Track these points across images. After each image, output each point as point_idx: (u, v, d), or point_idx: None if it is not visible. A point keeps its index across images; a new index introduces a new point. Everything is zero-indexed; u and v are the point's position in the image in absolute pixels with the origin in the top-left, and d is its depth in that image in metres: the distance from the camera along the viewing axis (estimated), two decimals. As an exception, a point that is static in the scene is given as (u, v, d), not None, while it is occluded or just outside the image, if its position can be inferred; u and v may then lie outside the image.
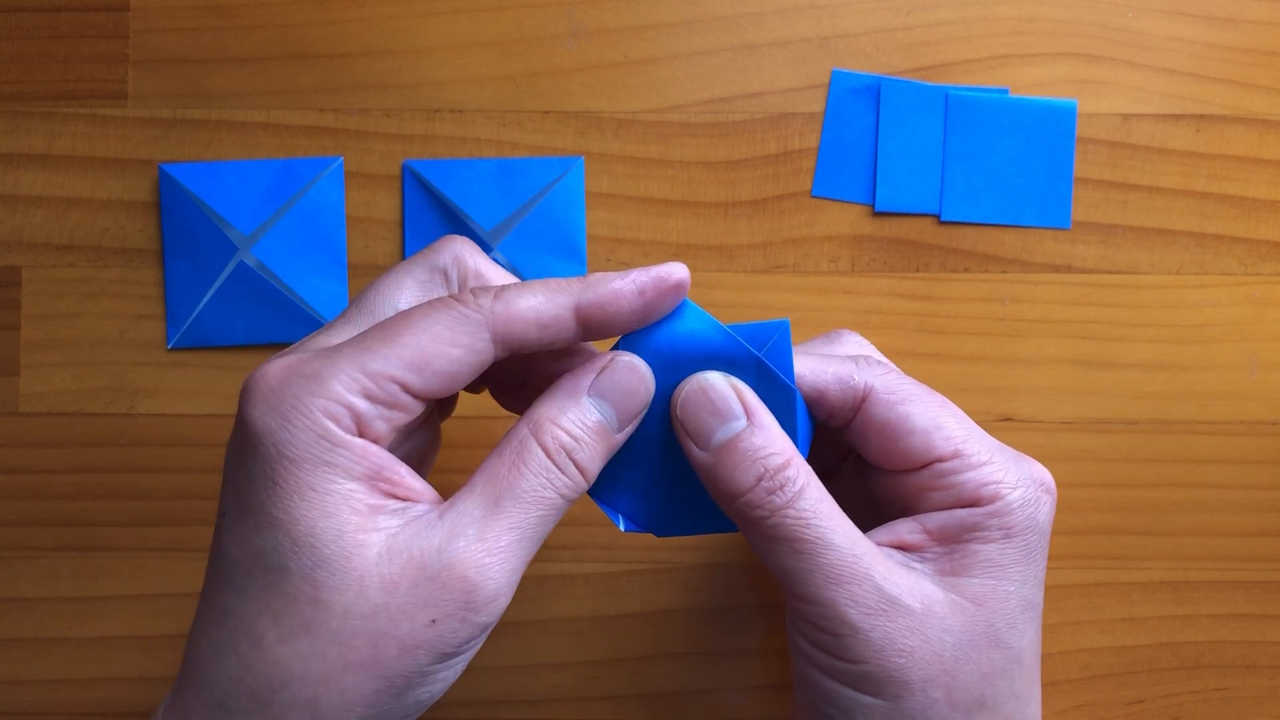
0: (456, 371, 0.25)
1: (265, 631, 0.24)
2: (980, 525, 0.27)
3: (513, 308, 0.25)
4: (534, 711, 0.38)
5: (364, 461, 0.24)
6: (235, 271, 0.37)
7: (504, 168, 0.38)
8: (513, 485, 0.25)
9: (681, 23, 0.38)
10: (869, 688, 0.26)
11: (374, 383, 0.24)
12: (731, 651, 0.38)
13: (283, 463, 0.24)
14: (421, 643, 0.24)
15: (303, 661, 0.24)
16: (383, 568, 0.24)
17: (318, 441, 0.24)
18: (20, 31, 0.38)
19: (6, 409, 0.38)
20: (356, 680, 0.24)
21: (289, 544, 0.24)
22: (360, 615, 0.24)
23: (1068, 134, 0.38)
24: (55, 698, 0.38)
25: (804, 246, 0.38)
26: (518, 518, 0.25)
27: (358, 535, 0.24)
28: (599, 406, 0.26)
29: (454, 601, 0.24)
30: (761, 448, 0.26)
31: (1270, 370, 0.38)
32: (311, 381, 0.24)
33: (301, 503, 0.24)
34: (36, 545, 0.38)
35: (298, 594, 0.24)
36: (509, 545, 0.24)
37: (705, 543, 0.38)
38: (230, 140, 0.38)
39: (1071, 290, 0.38)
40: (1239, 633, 0.38)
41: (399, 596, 0.24)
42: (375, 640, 0.24)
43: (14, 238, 0.38)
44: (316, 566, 0.24)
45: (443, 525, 0.24)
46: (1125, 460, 0.38)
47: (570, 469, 0.25)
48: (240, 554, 0.24)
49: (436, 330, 0.25)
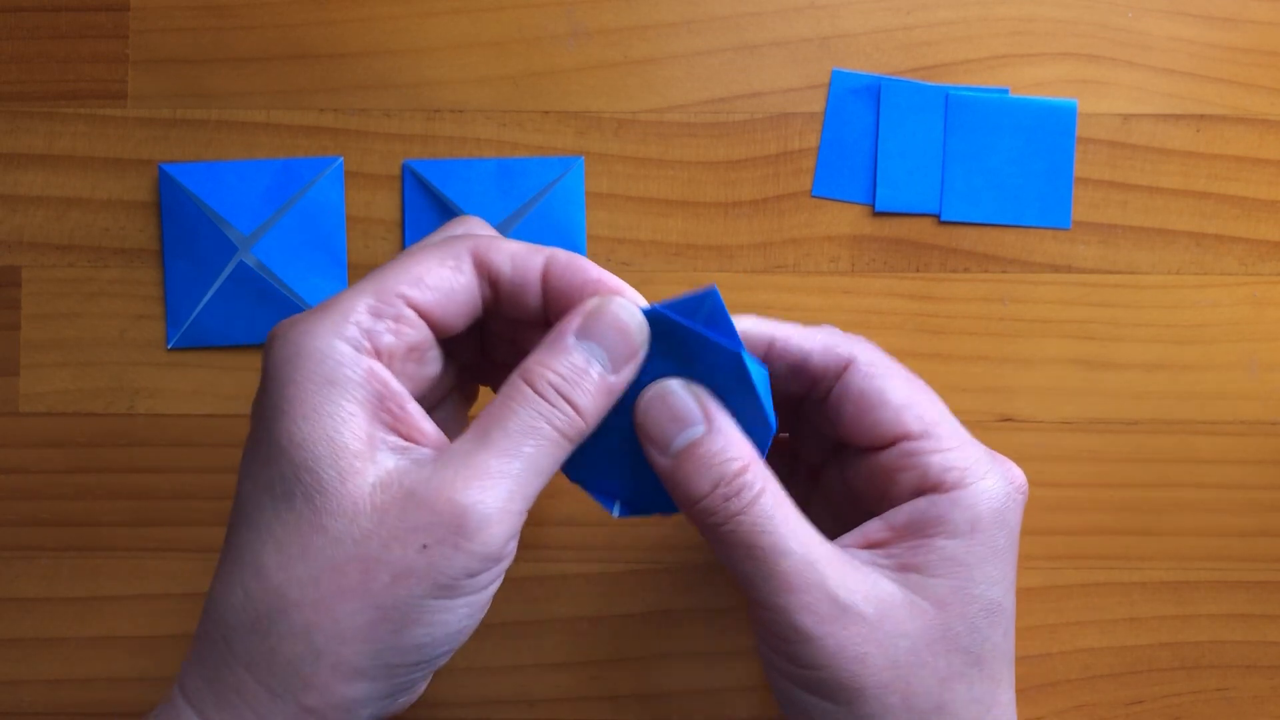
0: (449, 289, 0.26)
1: (268, 559, 0.24)
2: (944, 517, 0.27)
3: (494, 242, 0.27)
4: (534, 711, 0.38)
5: (370, 383, 0.25)
6: (235, 271, 0.37)
7: (504, 168, 0.38)
8: (501, 420, 0.25)
9: (681, 23, 0.38)
10: (824, 693, 0.26)
11: (378, 299, 0.25)
12: (731, 651, 0.38)
13: (290, 386, 0.24)
14: (413, 568, 0.23)
15: (299, 588, 0.23)
16: (375, 496, 0.24)
17: (324, 359, 0.24)
18: (20, 31, 0.38)
19: (6, 409, 0.38)
20: (349, 609, 0.23)
21: (292, 470, 0.24)
22: (352, 541, 0.23)
23: (1068, 134, 0.38)
24: (55, 698, 0.38)
25: (804, 246, 0.38)
26: (506, 446, 0.25)
27: (354, 462, 0.24)
28: (587, 348, 0.26)
29: (444, 526, 0.24)
30: (719, 453, 0.26)
31: (1270, 370, 0.38)
32: (322, 312, 0.25)
33: (305, 425, 0.24)
34: (36, 545, 0.38)
35: (300, 519, 0.24)
36: (499, 472, 0.24)
37: (705, 543, 0.38)
38: (230, 140, 0.38)
39: (1071, 290, 0.38)
40: (1239, 633, 0.38)
41: (389, 522, 0.24)
42: (367, 566, 0.23)
43: (14, 238, 0.38)
44: (316, 490, 0.24)
45: (435, 461, 0.24)
46: (1125, 460, 0.38)
47: (561, 403, 0.25)
48: (251, 488, 0.25)
49: (426, 256, 0.26)
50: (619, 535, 0.38)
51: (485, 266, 0.27)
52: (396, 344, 0.26)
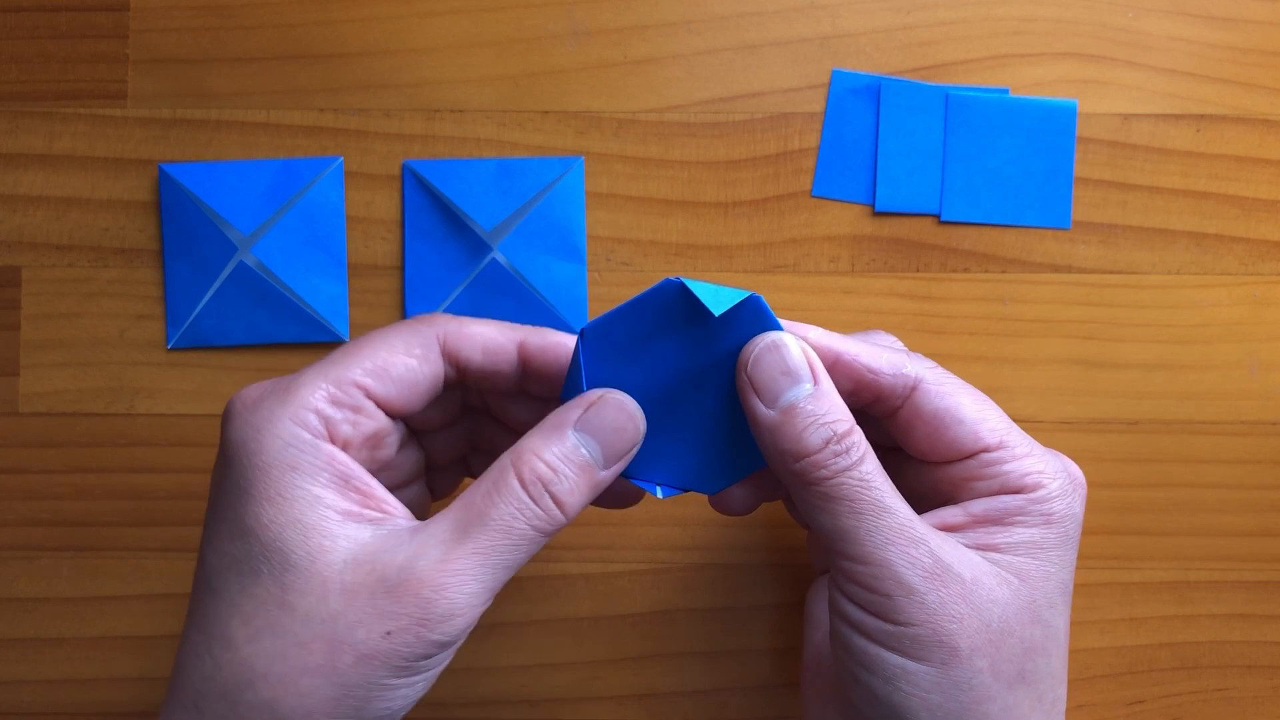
0: (413, 380, 0.27)
1: (236, 632, 0.25)
2: (1022, 510, 0.28)
3: (464, 328, 0.28)
4: (534, 711, 0.38)
5: (331, 466, 0.26)
6: (235, 271, 0.37)
7: (504, 168, 0.38)
8: (483, 513, 0.25)
9: (681, 23, 0.38)
10: (917, 652, 0.26)
11: (338, 388, 0.26)
12: (731, 651, 0.38)
13: (253, 470, 0.25)
14: (376, 653, 0.24)
15: (266, 661, 0.24)
16: (345, 575, 0.24)
17: (285, 447, 0.25)
18: (20, 31, 0.38)
19: (6, 409, 0.38)
20: (314, 684, 0.24)
21: (259, 548, 0.25)
22: (320, 620, 0.24)
23: (1068, 134, 0.38)
24: (55, 698, 0.38)
25: (804, 246, 0.38)
26: (483, 544, 0.25)
27: (323, 541, 0.25)
28: (583, 442, 0.27)
29: (409, 616, 0.24)
30: (828, 412, 0.26)
31: (1270, 370, 0.38)
32: (282, 394, 0.26)
33: (270, 508, 0.25)
34: (36, 545, 0.38)
35: (267, 596, 0.24)
36: (470, 569, 0.25)
37: (705, 543, 0.38)
38: (230, 140, 0.38)
39: (1071, 290, 0.38)
40: (1239, 633, 0.38)
41: (357, 605, 0.24)
42: (332, 645, 0.24)
43: (14, 238, 0.38)
44: (285, 570, 0.24)
45: (410, 543, 0.25)
46: (1125, 460, 0.38)
47: (546, 501, 0.26)
48: (217, 562, 0.25)
49: (393, 342, 0.27)
50: (619, 535, 0.38)
51: (455, 356, 0.28)
52: (353, 434, 0.27)
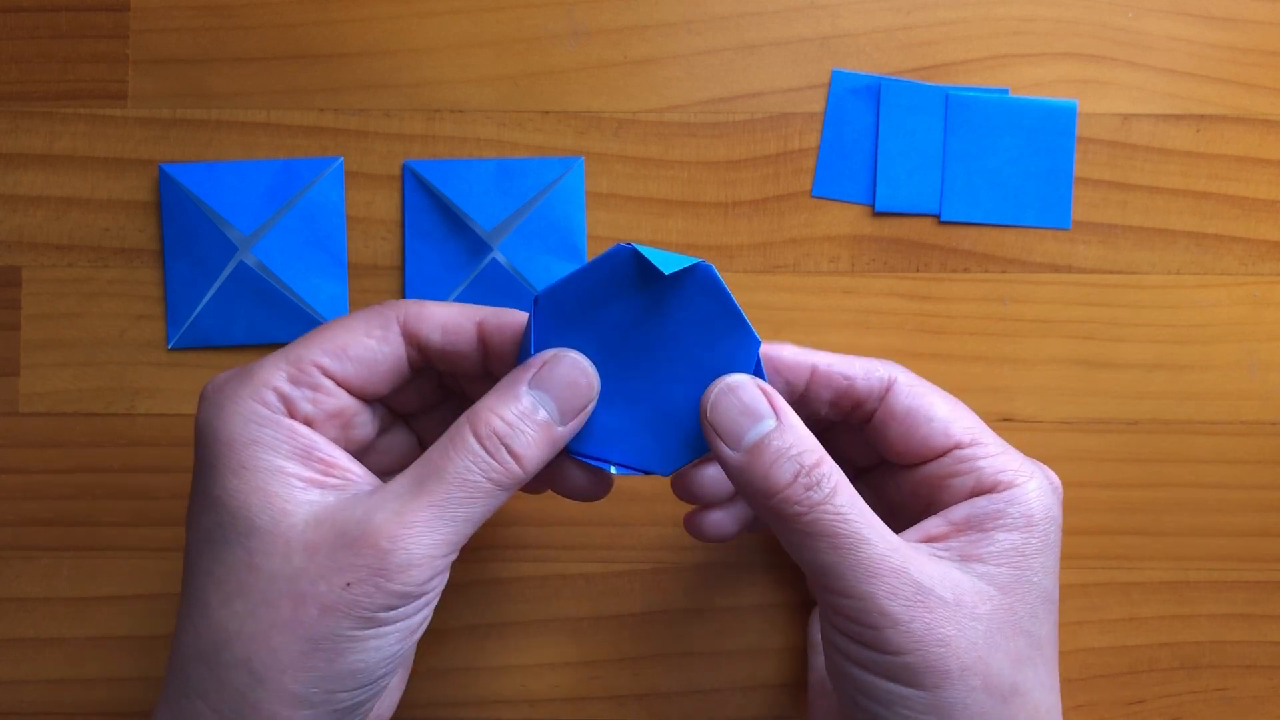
0: (372, 360, 0.28)
1: (210, 597, 0.26)
2: (1002, 513, 0.28)
3: (424, 310, 0.29)
4: (534, 711, 0.38)
5: (292, 439, 0.27)
6: (235, 271, 0.37)
7: (504, 168, 0.38)
8: (440, 467, 0.26)
9: (681, 23, 0.38)
10: (909, 679, 0.26)
11: (296, 367, 0.27)
12: (731, 651, 0.38)
13: (218, 445, 0.26)
14: (338, 604, 0.25)
15: (238, 621, 0.25)
16: (307, 534, 0.26)
17: (246, 423, 0.26)
18: (20, 31, 0.38)
19: (6, 409, 0.38)
20: (284, 640, 0.25)
21: (227, 517, 0.26)
22: (284, 577, 0.25)
23: (1068, 134, 0.38)
24: (55, 698, 0.38)
25: (804, 246, 0.38)
26: (438, 496, 0.26)
27: (286, 505, 0.26)
28: (538, 398, 0.27)
29: (367, 567, 0.25)
30: (793, 445, 0.27)
31: (1270, 370, 0.38)
32: (244, 376, 0.27)
33: (234, 479, 0.26)
34: (36, 545, 0.38)
35: (235, 561, 0.26)
36: (426, 520, 0.26)
37: (704, 543, 0.38)
38: (230, 140, 0.38)
39: (1071, 290, 0.38)
40: (1239, 633, 0.38)
41: (318, 560, 0.25)
42: (296, 601, 0.25)
43: (14, 238, 0.38)
44: (249, 534, 0.26)
45: (369, 499, 0.26)
46: (1125, 460, 0.38)
47: (502, 454, 0.26)
48: (195, 536, 0.27)
49: (353, 324, 0.28)
50: (619, 535, 0.38)
51: (414, 336, 0.29)
52: (315, 411, 0.28)
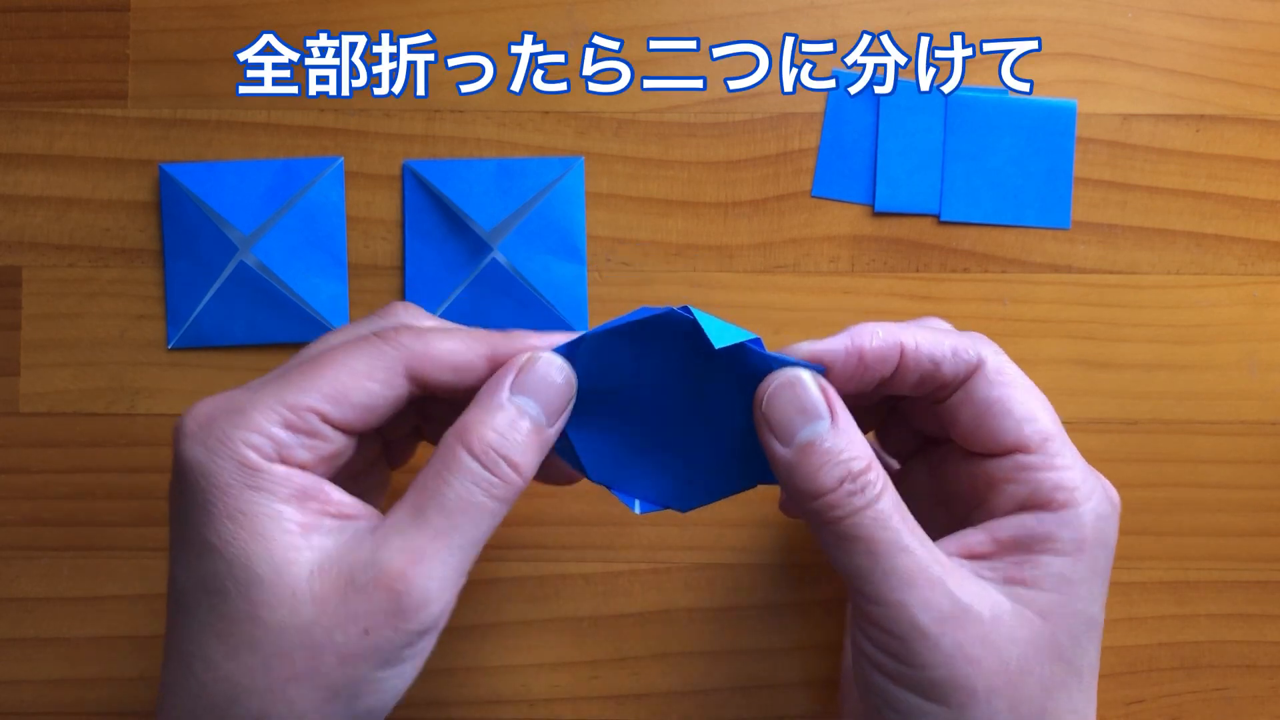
0: (373, 405, 0.26)
1: (213, 651, 0.25)
2: (1052, 536, 0.26)
3: (430, 348, 0.27)
4: (534, 711, 0.38)
5: (288, 485, 0.25)
6: (235, 271, 0.37)
7: (504, 168, 0.38)
8: (437, 493, 0.25)
9: (681, 22, 0.38)
10: (934, 694, 0.25)
11: (293, 413, 0.26)
12: (732, 651, 0.38)
13: (213, 491, 0.25)
14: (358, 653, 0.24)
15: (249, 676, 0.24)
16: (314, 584, 0.24)
17: (240, 469, 0.25)
18: (20, 31, 0.38)
19: (6, 409, 0.38)
20: (300, 691, 0.24)
21: (225, 566, 0.25)
22: (296, 629, 0.24)
23: (1068, 134, 0.38)
24: (55, 698, 0.38)
25: (804, 246, 0.38)
26: (443, 525, 0.25)
27: (288, 554, 0.25)
28: (524, 403, 0.26)
29: (383, 612, 0.24)
30: (844, 449, 0.26)
31: (1270, 370, 0.38)
32: (235, 415, 0.25)
33: (232, 526, 0.25)
34: (36, 545, 0.38)
35: (238, 613, 0.24)
36: (436, 553, 0.25)
37: (705, 543, 0.38)
38: (230, 140, 0.38)
39: (1071, 290, 0.38)
40: (1239, 633, 0.38)
41: (330, 610, 0.24)
42: (313, 653, 0.24)
43: (14, 238, 0.38)
44: (251, 585, 0.24)
45: (372, 539, 0.25)
46: (1125, 460, 0.38)
47: (501, 468, 0.26)
48: (187, 582, 0.25)
49: (354, 365, 0.26)
50: (619, 535, 0.38)
51: (420, 379, 0.27)
52: (309, 458, 0.26)
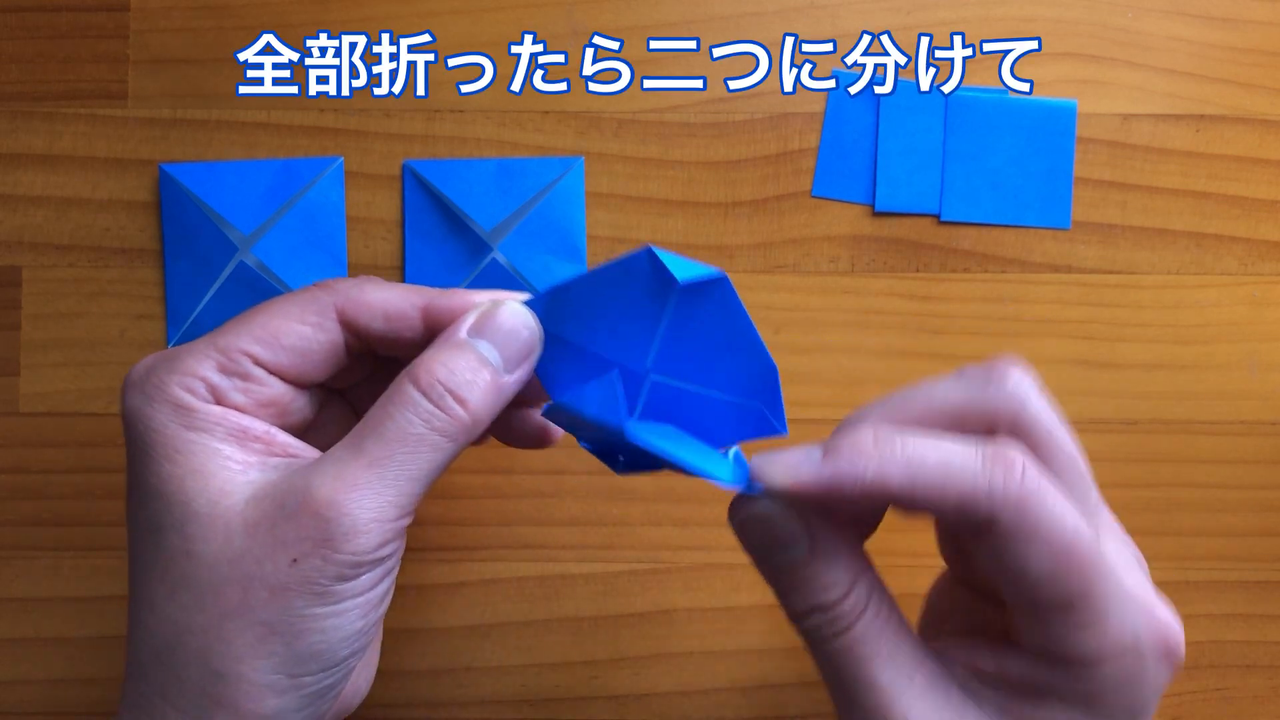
0: (306, 348, 0.26)
1: (155, 593, 0.25)
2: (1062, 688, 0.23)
3: (364, 295, 0.27)
4: (534, 712, 0.38)
5: (225, 424, 0.25)
6: (235, 271, 0.37)
7: (504, 168, 0.38)
8: (379, 424, 0.25)
9: (681, 23, 0.38)
10: None
11: (224, 356, 0.26)
12: (731, 651, 0.38)
13: (150, 434, 0.25)
14: (287, 583, 0.24)
15: (186, 615, 0.24)
16: (247, 512, 0.24)
17: (175, 410, 0.25)
18: (20, 31, 0.38)
19: (6, 409, 0.38)
20: (236, 628, 0.24)
21: (164, 504, 0.24)
22: (228, 561, 0.24)
23: (1068, 134, 0.38)
24: (55, 697, 0.38)
25: (804, 246, 0.38)
26: (379, 454, 0.24)
27: (225, 486, 0.24)
28: (480, 345, 0.26)
29: (310, 539, 0.24)
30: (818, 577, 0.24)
31: (1270, 370, 0.38)
32: (171, 361, 0.26)
33: (169, 465, 0.25)
34: (36, 545, 0.38)
35: (174, 550, 0.24)
36: (368, 481, 0.24)
37: (705, 543, 0.38)
38: (230, 140, 0.38)
39: (1071, 290, 0.38)
40: (1239, 633, 0.38)
41: (260, 538, 0.24)
42: (244, 585, 0.24)
43: (14, 238, 0.38)
44: (186, 520, 0.24)
45: (308, 469, 0.24)
46: (1125, 460, 0.38)
47: (446, 401, 0.25)
48: (134, 529, 0.25)
49: (288, 309, 0.27)
50: (619, 535, 0.38)
51: (353, 324, 0.27)
52: (247, 401, 0.26)
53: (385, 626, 0.38)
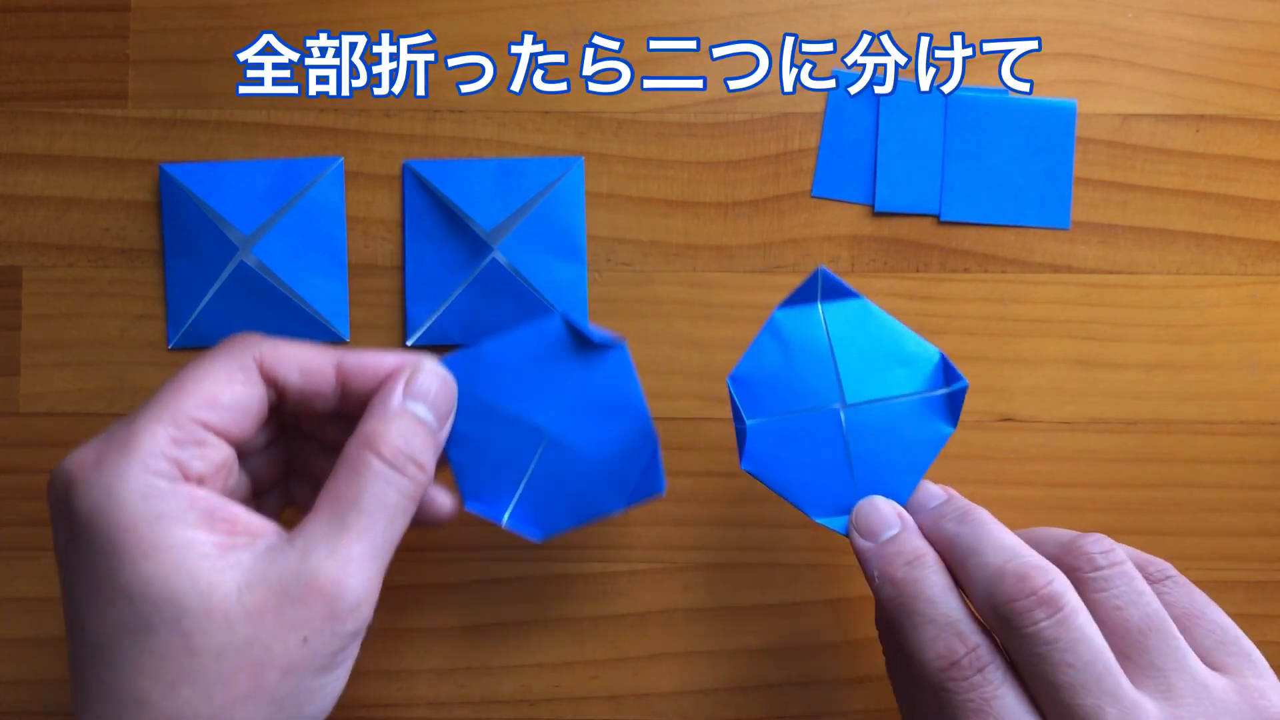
0: (243, 406, 0.27)
1: (149, 692, 0.24)
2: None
3: (280, 351, 0.28)
4: (534, 712, 0.38)
5: (196, 506, 0.25)
6: (236, 271, 0.37)
7: (504, 168, 0.38)
8: (355, 499, 0.26)
9: (681, 23, 0.38)
10: None
11: (176, 427, 0.26)
12: (731, 651, 0.38)
13: (119, 533, 0.24)
14: (299, 662, 0.25)
15: (192, 708, 0.24)
16: (244, 601, 0.25)
17: (145, 499, 0.25)
18: (20, 31, 0.38)
19: (7, 409, 0.38)
20: (246, 711, 0.25)
21: (148, 606, 0.24)
22: (234, 650, 0.24)
23: (1067, 134, 0.38)
24: (55, 697, 0.38)
25: (804, 246, 0.38)
26: (363, 527, 0.26)
27: (212, 578, 0.25)
28: (417, 408, 0.28)
29: (320, 617, 0.25)
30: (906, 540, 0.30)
31: (1270, 370, 0.38)
32: (121, 448, 0.25)
33: (148, 564, 0.24)
34: (36, 545, 0.38)
35: (170, 648, 0.24)
36: (361, 555, 0.26)
37: (705, 543, 0.38)
38: (230, 140, 0.38)
39: (1071, 290, 0.38)
40: (1239, 633, 0.38)
41: (267, 624, 0.25)
42: (255, 670, 0.25)
43: (15, 238, 0.38)
44: (180, 617, 0.24)
45: (294, 550, 0.26)
46: (1125, 460, 0.38)
47: (410, 468, 0.27)
48: (101, 631, 0.25)
49: (215, 371, 0.27)
50: (619, 535, 0.38)
51: (272, 378, 0.28)
52: (205, 468, 0.26)
53: (386, 626, 0.38)
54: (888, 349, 0.32)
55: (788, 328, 0.32)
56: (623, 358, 0.32)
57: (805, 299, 0.32)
